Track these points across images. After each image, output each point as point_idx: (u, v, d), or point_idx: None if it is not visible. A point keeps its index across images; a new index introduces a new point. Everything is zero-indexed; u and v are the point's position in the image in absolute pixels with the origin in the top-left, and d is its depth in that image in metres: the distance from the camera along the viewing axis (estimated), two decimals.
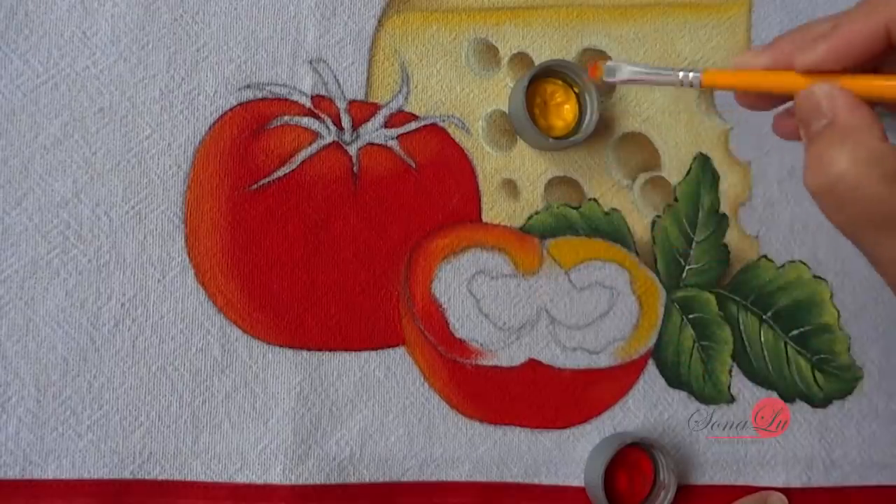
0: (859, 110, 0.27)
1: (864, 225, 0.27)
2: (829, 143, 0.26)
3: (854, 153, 0.26)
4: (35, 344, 0.38)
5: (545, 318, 0.42)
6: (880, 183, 0.25)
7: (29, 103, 0.39)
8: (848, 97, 0.27)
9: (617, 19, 0.45)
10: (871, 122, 0.26)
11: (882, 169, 0.25)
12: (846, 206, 0.26)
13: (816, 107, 0.27)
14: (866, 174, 0.25)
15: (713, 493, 0.43)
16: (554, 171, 0.44)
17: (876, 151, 0.26)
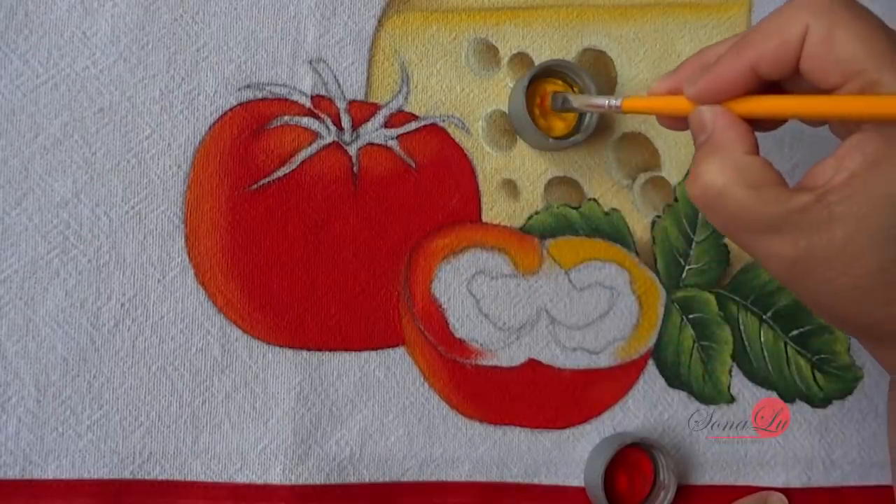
0: (733, 127, 0.29)
1: (736, 229, 0.30)
2: (703, 156, 0.29)
3: (721, 164, 0.29)
4: (35, 344, 0.38)
5: (545, 318, 0.42)
6: (744, 190, 0.28)
7: (29, 103, 0.39)
8: (726, 115, 0.30)
9: (617, 19, 0.45)
10: (741, 137, 0.29)
11: (746, 178, 0.28)
12: (718, 213, 0.29)
13: (701, 123, 0.30)
14: (731, 183, 0.28)
15: (713, 493, 0.43)
16: (554, 171, 0.44)
17: (741, 162, 0.29)
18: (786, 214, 0.28)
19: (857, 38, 0.27)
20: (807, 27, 0.28)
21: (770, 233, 0.28)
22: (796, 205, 0.28)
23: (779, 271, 0.30)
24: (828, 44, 0.27)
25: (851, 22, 0.27)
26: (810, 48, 0.28)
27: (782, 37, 0.28)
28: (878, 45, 0.27)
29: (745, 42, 0.29)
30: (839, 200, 0.27)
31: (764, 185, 0.28)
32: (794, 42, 0.28)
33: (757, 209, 0.28)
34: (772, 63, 0.29)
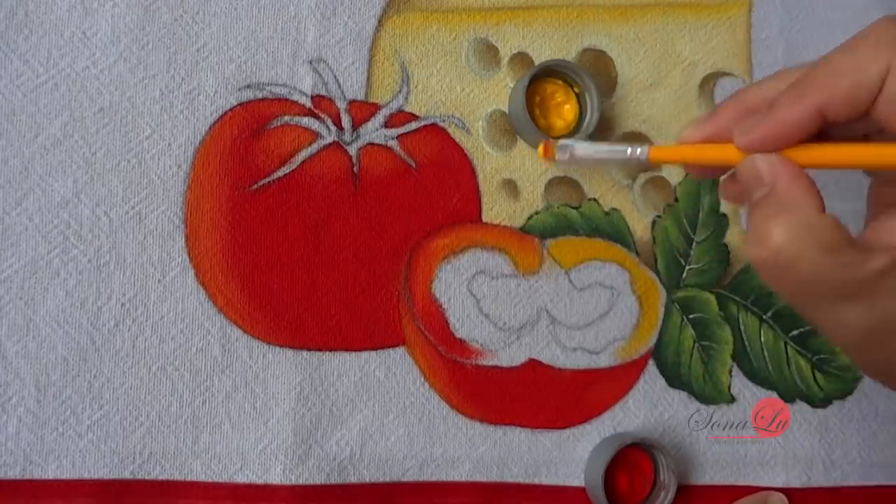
0: (798, 180, 0.27)
1: (805, 295, 0.27)
2: (768, 215, 0.27)
3: (791, 225, 0.26)
4: (35, 344, 0.38)
5: (545, 318, 0.42)
6: (817, 254, 0.26)
7: (29, 103, 0.39)
8: (787, 166, 0.27)
9: (617, 19, 0.45)
10: (809, 192, 0.26)
11: (818, 240, 0.26)
12: (786, 278, 0.27)
13: (757, 176, 0.27)
14: (803, 247, 0.26)
15: (713, 493, 0.43)
16: (554, 171, 0.44)
17: (812, 223, 0.26)
18: (863, 279, 0.25)
19: None
20: (889, 66, 0.25)
21: (845, 299, 0.26)
22: (875, 268, 0.25)
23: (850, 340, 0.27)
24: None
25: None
26: (892, 90, 0.25)
27: (858, 76, 0.25)
28: None
29: (809, 82, 0.26)
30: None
31: (839, 248, 0.26)
32: (872, 83, 0.25)
33: (834, 275, 0.26)
34: (843, 105, 0.26)
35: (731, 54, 0.46)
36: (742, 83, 0.46)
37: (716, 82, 0.46)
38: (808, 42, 0.48)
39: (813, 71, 0.27)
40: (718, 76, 0.46)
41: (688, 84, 0.46)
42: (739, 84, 0.46)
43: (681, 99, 0.45)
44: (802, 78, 0.27)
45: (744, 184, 0.28)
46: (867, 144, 0.26)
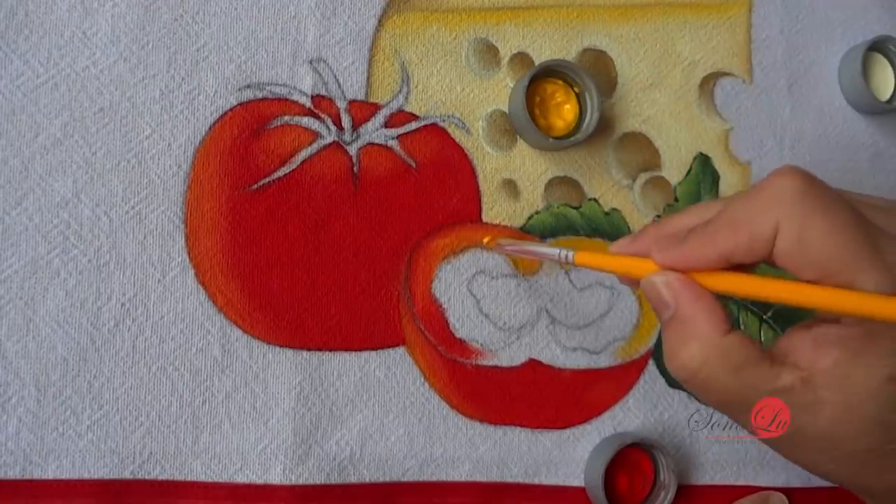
0: (700, 302, 0.28)
1: (724, 407, 0.29)
2: (678, 339, 0.28)
3: (700, 348, 0.27)
4: (35, 344, 0.38)
5: (545, 318, 0.42)
6: (726, 376, 0.27)
7: (29, 103, 0.39)
8: (689, 289, 0.28)
9: (617, 19, 0.45)
10: (713, 314, 0.28)
11: (726, 363, 0.27)
12: (704, 394, 0.28)
13: (659, 296, 0.29)
14: (713, 369, 0.27)
15: (713, 493, 0.43)
16: (554, 171, 0.44)
17: (720, 347, 0.27)
18: (772, 395, 0.27)
19: (830, 238, 0.25)
20: (777, 225, 0.26)
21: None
22: (781, 386, 0.27)
23: (769, 443, 0.29)
24: (800, 244, 0.26)
25: (825, 218, 0.25)
26: (782, 246, 0.26)
27: (753, 231, 0.26)
28: (852, 244, 0.25)
29: (715, 230, 0.28)
30: (825, 385, 0.27)
31: (746, 367, 0.27)
32: (765, 239, 0.26)
33: (742, 392, 0.27)
34: (745, 255, 0.27)
35: (731, 54, 0.46)
36: (742, 83, 0.46)
37: (716, 82, 0.46)
38: (808, 42, 0.48)
39: (720, 217, 0.28)
40: (718, 76, 0.46)
41: (688, 84, 0.46)
42: (739, 84, 0.47)
43: (681, 99, 0.45)
44: (708, 224, 0.28)
45: (651, 302, 0.29)
46: (777, 281, 0.26)
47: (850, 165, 0.48)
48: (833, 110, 0.48)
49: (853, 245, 0.25)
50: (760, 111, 0.47)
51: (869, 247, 0.25)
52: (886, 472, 0.28)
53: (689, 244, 0.28)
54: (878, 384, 0.26)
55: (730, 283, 0.28)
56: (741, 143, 0.46)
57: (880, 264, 0.25)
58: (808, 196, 0.26)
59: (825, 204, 0.26)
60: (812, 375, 0.27)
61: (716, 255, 0.27)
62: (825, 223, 0.26)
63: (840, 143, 0.48)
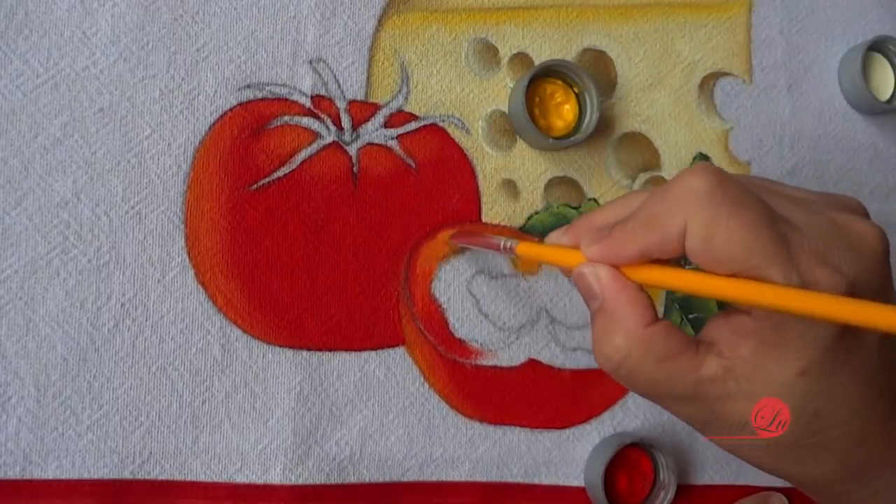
0: (627, 293, 0.28)
1: (652, 397, 0.29)
2: (604, 330, 0.28)
3: (624, 339, 0.28)
4: (35, 344, 0.38)
5: (545, 318, 0.42)
6: (650, 365, 0.28)
7: (29, 103, 0.39)
8: (616, 280, 0.28)
9: (617, 19, 0.45)
10: (638, 304, 0.28)
11: (650, 352, 0.27)
12: (630, 384, 0.29)
13: (588, 287, 0.29)
14: (637, 359, 0.28)
15: (713, 493, 0.43)
16: (554, 171, 0.44)
17: (644, 338, 0.28)
18: (696, 384, 0.27)
19: (737, 236, 0.25)
20: (685, 224, 0.26)
21: (682, 401, 0.28)
22: (705, 374, 0.27)
23: (693, 427, 0.30)
24: (706, 243, 0.26)
25: (732, 217, 0.26)
26: (690, 245, 0.26)
27: (664, 231, 0.27)
28: (759, 241, 0.25)
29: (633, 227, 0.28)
30: (745, 375, 0.27)
31: (672, 357, 0.27)
32: (675, 238, 0.27)
33: (667, 382, 0.28)
34: (660, 252, 0.27)
35: (731, 54, 0.46)
36: (742, 83, 0.46)
37: (715, 82, 0.46)
38: (808, 42, 0.48)
39: (635, 216, 0.28)
40: (718, 76, 0.46)
41: (688, 84, 0.46)
42: (739, 84, 0.47)
43: (681, 99, 0.45)
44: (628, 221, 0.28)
45: (581, 293, 0.30)
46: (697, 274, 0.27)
47: (850, 165, 0.48)
48: (833, 110, 0.48)
49: (759, 243, 0.25)
50: (760, 111, 0.47)
51: (775, 244, 0.25)
52: (805, 462, 0.28)
53: (612, 239, 0.28)
54: (790, 378, 0.27)
55: (652, 275, 0.28)
56: (741, 143, 0.46)
57: (787, 260, 0.25)
58: (715, 196, 0.26)
59: (732, 203, 0.26)
60: (733, 364, 0.27)
61: (636, 252, 0.28)
62: (731, 222, 0.26)
63: (840, 143, 0.48)
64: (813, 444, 0.28)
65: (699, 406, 0.28)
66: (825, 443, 0.28)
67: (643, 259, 0.28)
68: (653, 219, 0.27)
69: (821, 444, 0.28)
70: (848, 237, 0.27)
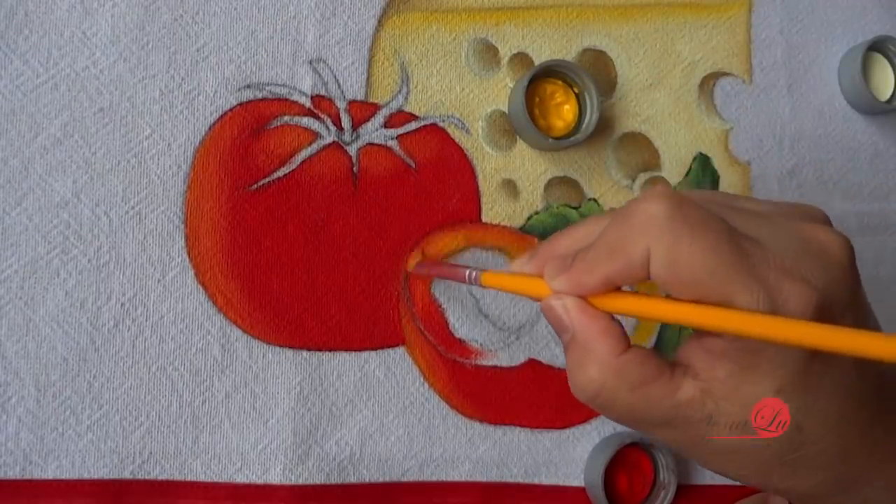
0: (596, 323, 0.28)
1: (630, 423, 0.29)
2: (577, 362, 0.28)
3: (598, 371, 0.28)
4: (35, 344, 0.38)
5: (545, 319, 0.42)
6: (626, 394, 0.28)
7: (29, 103, 0.39)
8: (584, 311, 0.28)
9: (617, 19, 0.45)
10: (609, 335, 0.28)
11: (627, 382, 0.27)
12: (608, 413, 0.29)
13: (558, 320, 0.29)
14: (612, 389, 0.28)
15: (713, 493, 0.43)
16: (554, 171, 0.44)
17: (617, 368, 0.28)
18: (675, 409, 0.27)
19: (699, 259, 0.25)
20: (646, 251, 0.26)
21: (662, 426, 0.28)
22: (683, 398, 0.27)
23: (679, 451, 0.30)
24: (670, 268, 0.26)
25: (693, 241, 0.25)
26: (654, 271, 0.26)
27: (627, 259, 0.27)
28: (722, 263, 0.25)
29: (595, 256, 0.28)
30: (722, 396, 0.27)
31: (647, 383, 0.27)
32: (639, 265, 0.26)
33: (644, 409, 0.28)
34: (625, 280, 0.27)
35: (731, 54, 0.46)
36: (742, 83, 0.46)
37: (715, 82, 0.46)
38: (808, 42, 0.48)
39: (597, 244, 0.28)
40: (718, 76, 0.46)
41: (688, 84, 0.46)
42: (739, 84, 0.47)
43: (680, 99, 0.45)
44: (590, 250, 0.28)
45: (551, 325, 0.30)
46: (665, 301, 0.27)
47: (850, 165, 0.48)
48: (833, 110, 0.48)
49: (722, 264, 0.25)
50: (760, 111, 0.47)
51: (739, 264, 0.25)
52: (791, 478, 0.28)
53: (575, 270, 0.28)
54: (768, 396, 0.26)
55: (619, 304, 0.28)
56: (741, 143, 0.46)
57: (752, 281, 0.25)
58: (675, 220, 0.26)
59: (692, 226, 0.26)
60: (710, 386, 0.27)
61: (600, 280, 0.28)
62: (693, 246, 0.25)
63: (840, 143, 0.48)
64: (797, 459, 0.27)
65: (680, 431, 0.28)
66: (809, 457, 0.27)
67: (608, 287, 0.28)
68: (615, 247, 0.27)
69: (805, 458, 0.27)
70: (813, 248, 0.27)
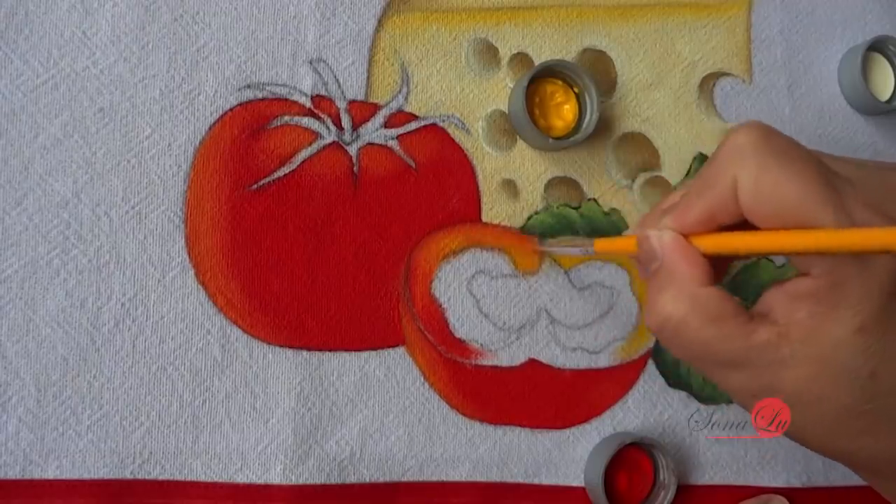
0: (684, 253, 0.28)
1: (696, 360, 0.29)
2: (657, 287, 0.28)
3: (678, 296, 0.28)
4: (35, 344, 0.38)
5: (545, 318, 0.42)
6: (702, 325, 0.27)
7: (29, 103, 0.39)
8: (676, 241, 0.28)
9: (617, 19, 0.45)
10: (695, 265, 0.28)
11: (703, 312, 0.27)
12: (677, 345, 0.28)
13: (651, 250, 0.29)
14: (689, 318, 0.27)
15: (713, 493, 0.43)
16: (554, 171, 0.44)
17: (696, 295, 0.27)
18: (747, 350, 0.27)
19: (785, 185, 0.26)
20: (735, 180, 0.26)
21: (731, 367, 0.28)
22: (757, 341, 0.27)
23: (739, 400, 0.29)
24: (756, 194, 0.26)
25: (780, 167, 0.26)
26: (742, 199, 0.26)
27: (717, 190, 0.27)
28: (809, 187, 0.25)
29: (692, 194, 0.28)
30: (800, 339, 0.26)
31: (723, 319, 0.27)
32: (728, 195, 0.27)
33: (717, 344, 0.27)
34: (723, 214, 0.27)
35: (731, 54, 0.46)
36: (742, 83, 0.46)
37: (715, 82, 0.46)
38: (808, 42, 0.48)
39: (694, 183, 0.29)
40: (718, 76, 0.46)
41: (687, 84, 0.46)
42: (739, 84, 0.47)
43: (680, 99, 0.45)
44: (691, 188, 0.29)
45: (642, 259, 0.30)
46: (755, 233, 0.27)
47: None
48: (833, 110, 0.48)
49: (810, 190, 0.25)
50: (760, 111, 0.47)
51: (827, 193, 0.25)
52: (862, 436, 0.27)
53: (676, 210, 0.29)
54: (848, 335, 0.26)
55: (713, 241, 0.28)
56: None
57: (839, 207, 0.25)
58: (761, 148, 0.26)
59: (780, 153, 0.26)
60: (788, 330, 0.27)
61: (697, 216, 0.28)
62: (780, 172, 0.26)
63: (840, 143, 0.48)
64: (870, 412, 0.27)
65: (749, 375, 0.27)
66: (883, 410, 0.27)
67: (707, 223, 0.28)
68: (706, 181, 0.27)
69: (879, 411, 0.27)
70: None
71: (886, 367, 0.26)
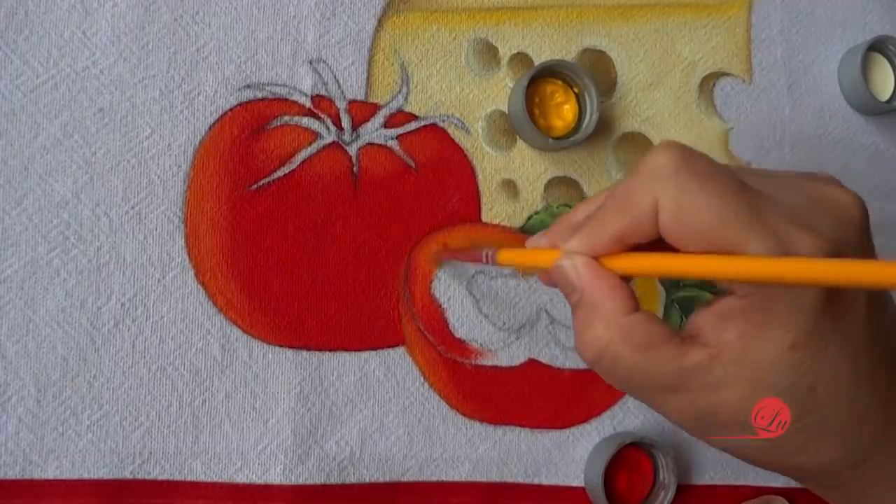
0: (604, 283, 0.27)
1: (634, 389, 0.28)
2: (584, 321, 0.28)
3: (605, 329, 0.27)
4: (35, 344, 0.38)
5: (545, 318, 0.42)
6: (632, 354, 0.27)
7: (29, 103, 0.39)
8: (593, 270, 0.28)
9: (617, 19, 0.45)
10: (615, 293, 0.27)
11: (633, 341, 0.27)
12: (612, 376, 0.28)
13: (566, 280, 0.28)
14: (618, 348, 0.27)
15: (713, 493, 0.43)
16: (554, 171, 0.44)
17: (624, 326, 0.27)
18: (680, 374, 0.26)
19: (707, 207, 0.25)
20: (655, 202, 0.26)
21: (669, 392, 0.27)
22: (689, 364, 0.26)
23: (683, 425, 0.29)
24: (679, 218, 0.25)
25: (701, 190, 0.25)
26: (663, 222, 0.26)
27: (636, 212, 0.26)
28: (731, 209, 0.25)
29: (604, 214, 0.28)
30: (732, 360, 0.26)
31: (654, 345, 0.27)
32: (646, 218, 0.26)
33: (651, 371, 0.27)
34: (634, 235, 0.27)
35: (731, 54, 0.46)
36: (742, 83, 0.46)
37: (715, 82, 0.46)
38: (808, 42, 0.48)
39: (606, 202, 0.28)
40: (718, 76, 0.46)
41: (688, 84, 0.46)
42: (739, 84, 0.47)
43: (680, 99, 0.45)
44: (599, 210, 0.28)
45: (560, 287, 0.29)
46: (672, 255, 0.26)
47: (850, 165, 0.48)
48: (833, 110, 0.48)
49: (732, 213, 0.25)
50: (760, 111, 0.47)
51: (749, 213, 0.25)
52: (805, 448, 0.27)
53: (585, 231, 0.28)
54: (780, 353, 0.26)
55: (629, 263, 0.27)
56: (741, 143, 0.46)
57: (762, 228, 0.25)
58: (682, 170, 0.26)
59: (700, 175, 0.26)
60: (719, 351, 0.26)
61: (609, 238, 0.27)
62: (701, 195, 0.25)
63: (840, 143, 0.48)
64: (811, 425, 0.27)
65: (686, 398, 0.27)
66: (824, 422, 0.27)
67: (620, 245, 0.27)
68: (623, 202, 0.27)
69: (820, 423, 0.27)
70: (824, 204, 0.26)
71: (824, 381, 0.26)
